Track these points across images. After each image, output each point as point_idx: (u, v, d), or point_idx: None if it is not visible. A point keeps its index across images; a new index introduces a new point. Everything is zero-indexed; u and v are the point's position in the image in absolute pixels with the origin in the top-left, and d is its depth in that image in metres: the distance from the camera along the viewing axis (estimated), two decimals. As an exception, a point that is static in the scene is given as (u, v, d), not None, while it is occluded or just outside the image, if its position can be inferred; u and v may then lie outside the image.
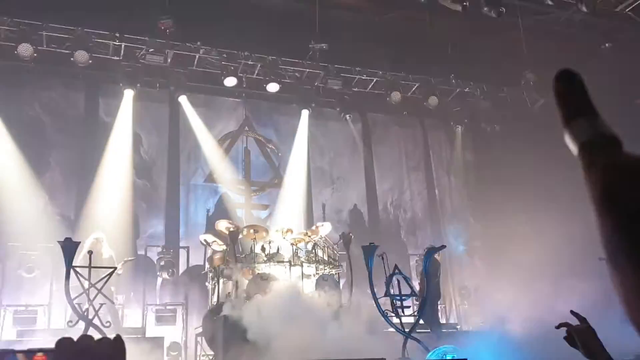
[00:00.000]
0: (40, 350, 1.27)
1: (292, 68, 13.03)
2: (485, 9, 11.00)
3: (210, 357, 9.37)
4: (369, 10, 12.12)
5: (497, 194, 13.27)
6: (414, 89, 13.80)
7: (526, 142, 12.90)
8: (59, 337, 1.20)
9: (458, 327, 11.10)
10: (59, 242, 7.06)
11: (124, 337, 1.21)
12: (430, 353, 7.36)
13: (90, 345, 1.22)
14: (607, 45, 12.07)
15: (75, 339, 1.24)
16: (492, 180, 13.58)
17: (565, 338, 2.15)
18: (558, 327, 2.20)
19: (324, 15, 11.79)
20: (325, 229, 11.07)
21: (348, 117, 13.86)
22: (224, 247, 10.40)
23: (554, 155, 12.02)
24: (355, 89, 13.73)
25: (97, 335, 1.26)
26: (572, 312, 2.22)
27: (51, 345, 1.20)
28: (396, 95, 13.53)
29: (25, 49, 10.76)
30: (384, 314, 8.00)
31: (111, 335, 1.26)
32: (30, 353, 1.26)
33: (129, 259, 9.41)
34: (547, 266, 10.99)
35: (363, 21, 12.03)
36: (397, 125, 14.83)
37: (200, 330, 9.71)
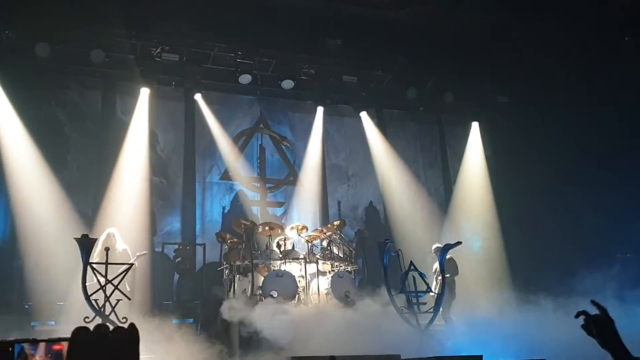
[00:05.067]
0: (59, 339, 1.32)
1: (307, 64, 13.01)
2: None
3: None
4: (383, 5, 12.05)
5: (515, 189, 13.16)
6: (429, 84, 13.70)
7: (545, 136, 12.76)
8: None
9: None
10: (75, 238, 7.12)
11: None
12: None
13: (105, 334, 1.25)
14: (627, 38, 11.84)
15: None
16: (510, 176, 13.45)
17: (582, 326, 2.14)
18: (577, 315, 2.19)
19: (338, 11, 11.76)
20: (340, 226, 11.08)
21: (363, 114, 13.84)
22: (240, 244, 10.44)
23: (574, 149, 11.91)
24: (371, 85, 13.66)
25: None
26: (592, 301, 2.20)
27: None
28: (412, 91, 13.46)
29: (42, 49, 10.88)
30: (399, 311, 7.97)
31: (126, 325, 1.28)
32: (50, 342, 1.31)
33: (141, 253, 9.47)
34: (567, 261, 10.89)
35: (378, 16, 11.95)
36: (413, 121, 14.74)
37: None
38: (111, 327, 1.28)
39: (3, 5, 10.52)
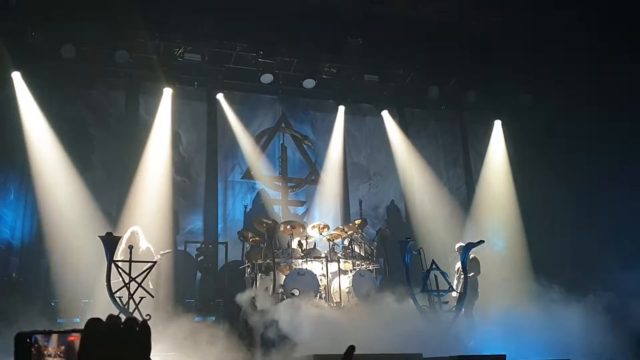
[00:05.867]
0: (73, 330, 1.36)
1: (328, 64, 13.01)
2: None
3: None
4: (405, 4, 12.00)
5: (538, 188, 13.01)
6: (451, 83, 13.61)
7: (569, 136, 12.60)
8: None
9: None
10: (99, 236, 7.23)
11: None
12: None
13: (117, 324, 1.28)
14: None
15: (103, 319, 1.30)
16: (532, 175, 13.30)
17: None
18: None
19: (359, 10, 11.74)
20: (362, 224, 11.06)
21: (385, 112, 13.80)
22: (262, 242, 10.49)
23: (597, 149, 11.76)
24: (392, 84, 13.62)
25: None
26: None
27: None
28: (434, 90, 13.38)
29: (68, 50, 11.05)
30: (421, 310, 7.94)
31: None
32: (64, 333, 1.35)
33: (165, 251, 9.58)
34: (591, 261, 10.75)
35: (399, 15, 11.91)
36: (435, 120, 14.65)
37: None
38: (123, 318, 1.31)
39: (30, 8, 10.72)
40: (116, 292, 7.26)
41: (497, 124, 14.30)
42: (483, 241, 8.94)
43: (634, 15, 10.99)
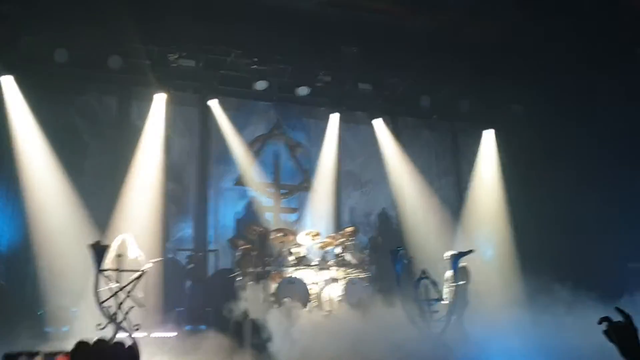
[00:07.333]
0: (60, 352, 1.35)
1: (322, 71, 13.01)
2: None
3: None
4: (399, 13, 12.03)
5: (528, 198, 13.05)
6: (444, 92, 13.65)
7: (559, 145, 12.66)
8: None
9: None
10: (88, 245, 7.16)
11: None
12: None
13: (105, 348, 1.28)
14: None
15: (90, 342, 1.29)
16: (523, 184, 13.34)
17: (604, 332, 2.12)
18: (600, 322, 2.17)
19: (354, 19, 11.77)
20: (353, 232, 11.04)
21: (378, 121, 13.81)
22: (253, 250, 10.45)
23: (587, 159, 11.80)
24: (386, 92, 13.64)
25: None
26: (616, 308, 2.19)
27: None
28: (426, 99, 13.42)
29: (61, 54, 10.99)
30: (411, 319, 7.92)
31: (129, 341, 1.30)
32: (50, 356, 1.34)
33: (155, 260, 9.51)
34: (581, 270, 10.78)
35: (393, 25, 11.94)
36: (427, 129, 14.68)
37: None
38: (112, 342, 1.30)
39: (23, 12, 10.66)
40: (104, 301, 7.19)
41: (489, 134, 14.35)
42: (473, 250, 8.95)
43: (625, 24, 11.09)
